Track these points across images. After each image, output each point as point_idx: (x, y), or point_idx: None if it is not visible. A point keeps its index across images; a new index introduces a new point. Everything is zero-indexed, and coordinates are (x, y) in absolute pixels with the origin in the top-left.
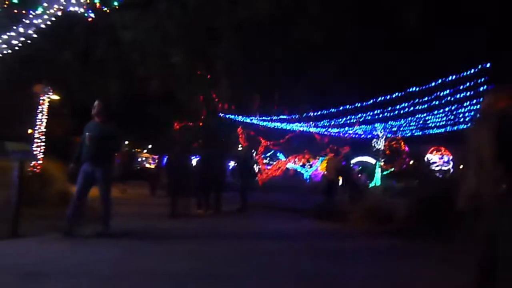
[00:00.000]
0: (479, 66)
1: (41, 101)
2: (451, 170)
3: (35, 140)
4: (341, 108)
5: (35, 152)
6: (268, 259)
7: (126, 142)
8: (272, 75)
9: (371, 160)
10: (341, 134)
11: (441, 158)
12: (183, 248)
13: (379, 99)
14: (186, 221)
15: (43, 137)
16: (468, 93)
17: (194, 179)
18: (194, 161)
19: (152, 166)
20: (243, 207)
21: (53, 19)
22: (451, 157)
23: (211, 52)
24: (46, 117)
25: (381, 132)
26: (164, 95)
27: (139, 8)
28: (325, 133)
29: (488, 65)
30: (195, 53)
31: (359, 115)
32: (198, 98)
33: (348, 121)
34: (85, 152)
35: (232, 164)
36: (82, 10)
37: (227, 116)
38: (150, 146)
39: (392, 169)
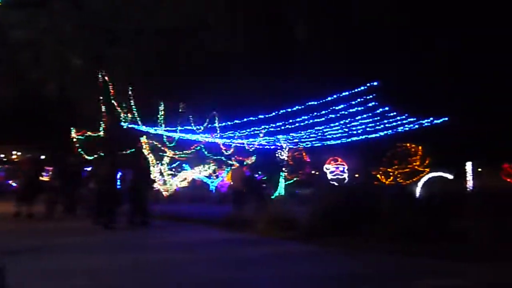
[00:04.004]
0: (368, 84)
1: None
2: (346, 179)
3: None
4: (245, 119)
5: None
6: (176, 270)
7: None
8: (177, 83)
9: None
10: (245, 145)
11: (337, 168)
12: (82, 264)
13: (281, 111)
14: (87, 235)
15: None
16: (360, 108)
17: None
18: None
19: (46, 178)
20: (145, 219)
21: None
22: (346, 167)
23: (110, 56)
24: None
25: (284, 143)
26: (61, 100)
27: (30, 7)
28: (231, 143)
29: (375, 83)
30: (93, 57)
31: (262, 127)
32: (95, 105)
33: (253, 132)
34: None
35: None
36: None
37: (131, 126)
38: (43, 157)
39: (296, 179)
